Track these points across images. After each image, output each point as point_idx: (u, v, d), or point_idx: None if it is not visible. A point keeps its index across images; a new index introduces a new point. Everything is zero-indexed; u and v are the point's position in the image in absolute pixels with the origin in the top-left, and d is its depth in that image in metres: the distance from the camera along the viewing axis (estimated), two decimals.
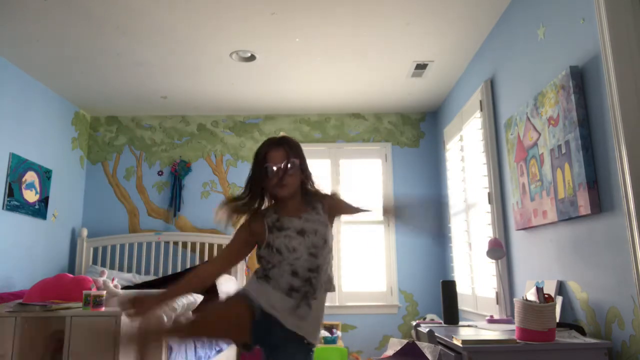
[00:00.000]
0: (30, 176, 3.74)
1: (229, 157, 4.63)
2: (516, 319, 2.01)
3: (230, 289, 3.86)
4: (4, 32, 3.14)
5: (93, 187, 4.58)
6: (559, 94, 2.18)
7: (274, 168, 1.68)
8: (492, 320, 2.59)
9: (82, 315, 2.40)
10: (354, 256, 4.41)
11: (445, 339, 2.12)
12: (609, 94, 1.88)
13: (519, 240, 2.76)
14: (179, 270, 4.29)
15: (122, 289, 3.04)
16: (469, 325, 2.56)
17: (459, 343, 1.95)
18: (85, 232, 4.31)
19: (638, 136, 1.80)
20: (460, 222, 3.82)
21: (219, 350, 3.28)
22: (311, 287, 1.65)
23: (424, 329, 2.31)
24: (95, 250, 4.35)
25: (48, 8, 2.88)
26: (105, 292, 2.56)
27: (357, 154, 4.65)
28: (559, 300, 2.24)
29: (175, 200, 4.48)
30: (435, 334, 2.21)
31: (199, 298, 2.89)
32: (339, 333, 3.98)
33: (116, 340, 2.31)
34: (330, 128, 4.67)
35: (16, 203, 3.56)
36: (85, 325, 2.38)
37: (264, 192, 1.74)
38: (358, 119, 4.68)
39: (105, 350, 2.33)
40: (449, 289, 2.65)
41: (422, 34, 3.23)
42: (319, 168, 4.52)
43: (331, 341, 3.81)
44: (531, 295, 2.05)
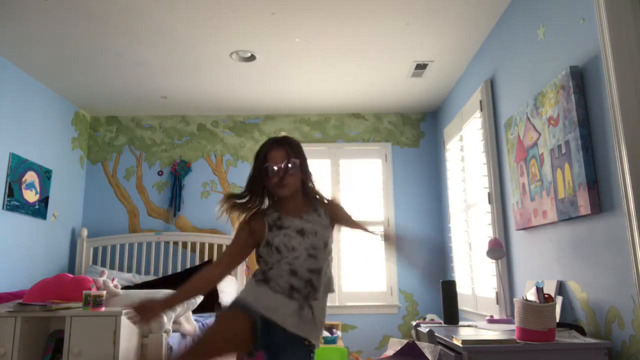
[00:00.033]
0: (30, 176, 3.74)
1: (229, 157, 4.63)
2: (516, 319, 2.01)
3: (230, 289, 3.87)
4: (4, 32, 3.14)
5: (93, 187, 4.58)
6: (559, 94, 2.18)
7: (274, 168, 1.69)
8: (492, 320, 2.59)
9: (82, 315, 2.40)
10: (354, 256, 4.41)
11: (445, 339, 2.12)
12: (609, 94, 1.88)
13: (519, 240, 2.76)
14: (179, 270, 4.30)
15: (122, 289, 3.04)
16: (469, 325, 2.56)
17: (459, 343, 1.95)
18: (85, 232, 4.31)
19: (638, 136, 1.80)
20: (460, 222, 3.82)
21: None
22: (312, 289, 1.64)
23: (424, 329, 2.31)
24: (95, 250, 4.35)
25: (48, 8, 2.88)
26: (105, 292, 2.56)
27: (357, 154, 4.65)
28: (559, 300, 2.24)
29: (175, 200, 4.48)
30: (435, 334, 2.21)
31: (199, 299, 2.89)
32: (339, 333, 3.98)
33: None
34: (330, 128, 4.67)
35: (16, 203, 3.56)
36: (85, 325, 2.38)
37: (264, 192, 1.74)
38: (358, 119, 4.68)
39: (105, 350, 2.34)
40: (449, 289, 2.65)
41: (422, 34, 3.23)
42: (319, 168, 4.52)
43: (331, 341, 3.80)
44: (531, 295, 2.05)
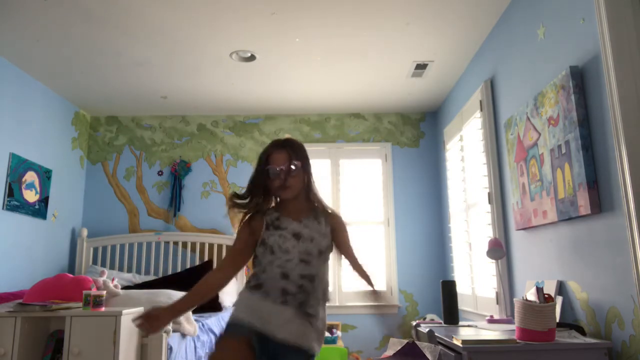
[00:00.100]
0: (30, 176, 3.74)
1: (229, 157, 4.63)
2: (516, 319, 2.01)
3: (230, 289, 3.87)
4: (4, 32, 3.14)
5: (93, 187, 4.58)
6: (559, 94, 2.18)
7: (276, 169, 1.69)
8: (492, 320, 2.59)
9: (82, 315, 2.40)
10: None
11: (445, 339, 2.12)
12: (609, 94, 1.88)
13: (519, 240, 2.76)
14: (179, 270, 4.30)
15: (122, 289, 3.04)
16: (469, 325, 2.56)
17: (459, 343, 1.95)
18: (85, 232, 4.31)
19: (638, 136, 1.80)
20: (460, 222, 3.82)
21: None
22: (305, 295, 1.62)
23: (424, 329, 2.31)
24: (95, 250, 4.35)
25: (48, 8, 2.88)
26: (105, 292, 2.56)
27: (357, 154, 4.65)
28: (559, 300, 2.24)
29: (175, 200, 4.49)
30: (435, 334, 2.21)
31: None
32: (339, 333, 3.98)
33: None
34: (330, 128, 4.67)
35: (16, 203, 3.56)
36: (85, 325, 2.38)
37: (267, 193, 1.74)
38: (358, 119, 4.68)
39: (105, 350, 2.34)
40: (449, 289, 2.65)
41: (422, 34, 3.23)
42: (319, 168, 4.52)
43: (331, 341, 3.81)
44: (531, 295, 2.05)
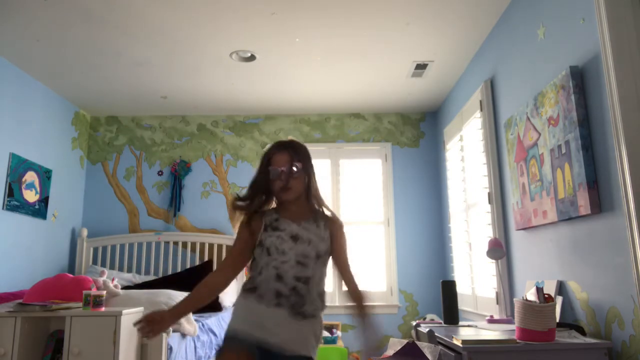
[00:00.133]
0: (30, 176, 3.74)
1: (229, 157, 4.63)
2: (516, 319, 2.01)
3: (230, 289, 3.86)
4: (4, 32, 3.14)
5: (93, 187, 4.58)
6: (559, 94, 2.18)
7: (278, 170, 1.69)
8: (492, 320, 2.59)
9: (82, 315, 2.40)
10: (354, 256, 4.39)
11: (445, 339, 2.12)
12: (609, 94, 1.88)
13: (519, 240, 2.76)
14: (179, 270, 4.30)
15: (122, 289, 3.04)
16: (469, 325, 2.56)
17: (459, 343, 1.95)
18: (85, 232, 4.31)
19: (638, 136, 1.80)
20: (460, 222, 3.82)
21: None
22: (299, 297, 1.61)
23: (424, 329, 2.31)
24: (95, 250, 4.35)
25: (48, 8, 2.88)
26: (105, 292, 2.56)
27: (357, 154, 4.65)
28: (559, 300, 2.24)
29: (175, 200, 4.49)
30: (435, 334, 2.21)
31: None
32: (339, 333, 3.98)
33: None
34: (330, 128, 4.67)
35: (16, 203, 3.56)
36: (85, 325, 2.38)
37: (268, 194, 1.74)
38: (358, 119, 4.68)
39: (105, 350, 2.34)
40: (449, 289, 2.65)
41: (422, 34, 3.23)
42: (319, 168, 4.51)
43: (331, 341, 3.81)
44: (531, 295, 2.05)
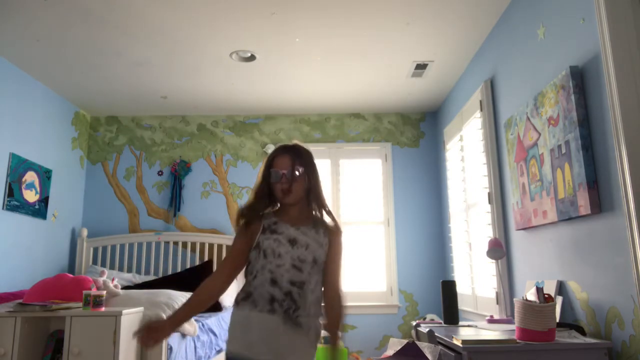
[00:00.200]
0: (30, 176, 3.74)
1: (229, 157, 4.63)
2: (516, 319, 2.01)
3: (230, 290, 3.86)
4: (4, 32, 3.14)
5: (93, 187, 4.58)
6: (559, 94, 2.18)
7: (279, 173, 1.69)
8: (492, 320, 2.59)
9: (82, 315, 2.40)
10: (354, 256, 4.41)
11: (445, 339, 2.12)
12: (609, 94, 1.88)
13: (519, 240, 2.76)
14: (179, 270, 4.30)
15: (122, 289, 3.04)
16: (469, 325, 2.56)
17: (459, 343, 1.95)
18: (85, 232, 4.31)
19: (638, 136, 1.80)
20: (460, 222, 3.82)
21: (219, 350, 3.28)
22: (293, 302, 1.60)
23: (424, 329, 2.31)
24: (95, 250, 4.35)
25: (48, 8, 2.88)
26: (105, 292, 2.56)
27: (357, 154, 4.65)
28: (559, 300, 2.24)
29: (175, 200, 4.48)
30: (435, 334, 2.21)
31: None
32: (339, 333, 3.97)
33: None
34: (330, 128, 4.67)
35: (16, 203, 3.56)
36: (85, 325, 2.38)
37: (271, 196, 1.74)
38: (358, 119, 4.68)
39: (105, 350, 2.34)
40: (449, 289, 2.65)
41: (422, 34, 3.23)
42: (319, 168, 4.51)
43: None
44: (531, 295, 2.05)
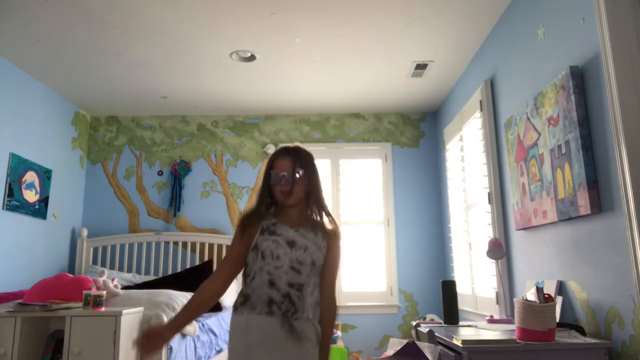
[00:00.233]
0: (30, 176, 3.74)
1: (229, 157, 4.63)
2: (516, 319, 2.01)
3: (230, 290, 3.86)
4: (4, 32, 3.14)
5: (93, 187, 4.58)
6: (559, 94, 2.18)
7: (279, 174, 1.70)
8: (492, 320, 2.59)
9: (82, 315, 2.40)
10: (354, 256, 4.41)
11: (445, 339, 2.12)
12: (609, 94, 1.88)
13: (519, 240, 2.76)
14: (179, 270, 4.30)
15: (122, 289, 3.04)
16: (469, 325, 2.56)
17: (459, 343, 1.95)
18: (85, 232, 4.31)
19: (638, 136, 1.80)
20: (460, 222, 3.82)
21: (219, 350, 3.28)
22: (291, 305, 1.59)
23: (424, 329, 2.31)
24: (95, 250, 4.35)
25: (48, 8, 2.88)
26: (105, 292, 2.56)
27: (357, 154, 4.65)
28: (559, 300, 2.24)
29: (175, 200, 4.48)
30: (435, 334, 2.21)
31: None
32: (339, 333, 3.98)
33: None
34: (330, 128, 4.67)
35: (16, 203, 3.56)
36: (85, 325, 2.38)
37: (272, 198, 1.75)
38: (358, 119, 4.68)
39: (105, 350, 2.34)
40: (449, 289, 2.65)
41: (422, 34, 3.23)
42: (319, 168, 4.51)
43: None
44: (531, 295, 2.05)
